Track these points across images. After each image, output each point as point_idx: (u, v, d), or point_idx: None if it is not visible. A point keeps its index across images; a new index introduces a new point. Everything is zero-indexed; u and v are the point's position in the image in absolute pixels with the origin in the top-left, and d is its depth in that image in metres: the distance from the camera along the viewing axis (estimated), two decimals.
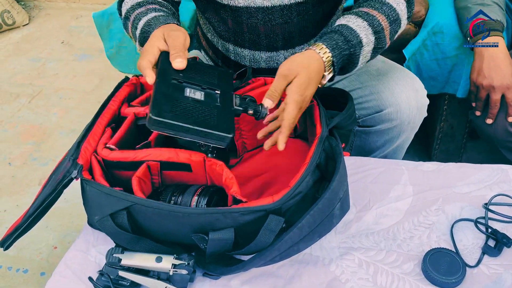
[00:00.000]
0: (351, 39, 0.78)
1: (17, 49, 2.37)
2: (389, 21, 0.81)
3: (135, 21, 0.86)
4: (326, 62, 0.77)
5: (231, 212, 0.67)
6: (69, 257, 0.81)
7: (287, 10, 0.92)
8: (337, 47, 0.78)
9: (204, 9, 0.98)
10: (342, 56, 0.78)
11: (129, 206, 0.70)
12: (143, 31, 0.84)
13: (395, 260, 0.74)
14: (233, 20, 0.93)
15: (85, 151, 0.77)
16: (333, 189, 0.70)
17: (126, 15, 0.90)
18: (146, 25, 0.83)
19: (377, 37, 0.81)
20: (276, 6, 0.91)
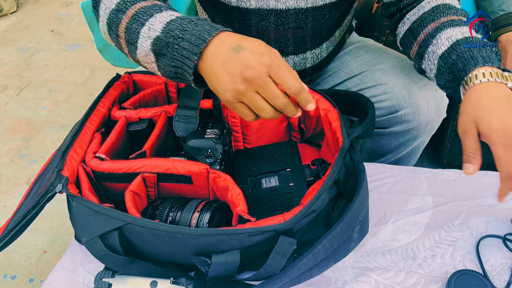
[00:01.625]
0: (498, 50, 0.67)
1: (4, 38, 2.26)
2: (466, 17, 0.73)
3: (141, 17, 0.63)
4: (502, 77, 0.62)
5: (237, 234, 0.60)
6: (54, 278, 0.73)
7: (302, 14, 0.83)
8: (488, 57, 0.64)
9: (214, 12, 0.88)
10: (497, 56, 0.66)
11: (122, 226, 0.62)
12: (172, 40, 0.59)
13: (416, 282, 0.67)
14: (241, 23, 0.84)
15: (71, 161, 0.69)
16: (353, 212, 0.62)
17: (120, 6, 0.66)
18: (176, 29, 0.59)
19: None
20: (291, 10, 0.82)
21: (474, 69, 0.62)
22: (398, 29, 0.81)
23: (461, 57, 0.65)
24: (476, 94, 0.60)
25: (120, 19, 0.65)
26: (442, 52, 0.68)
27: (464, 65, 0.64)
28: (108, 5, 0.67)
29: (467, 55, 0.65)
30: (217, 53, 0.56)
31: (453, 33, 0.69)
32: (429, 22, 0.73)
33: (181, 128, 0.75)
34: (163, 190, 0.72)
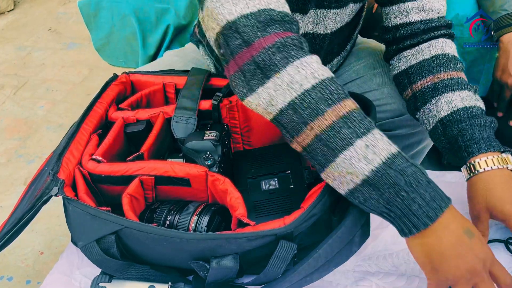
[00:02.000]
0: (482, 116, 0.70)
1: (2, 37, 2.24)
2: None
3: (356, 124, 0.54)
4: (503, 162, 0.66)
5: (236, 238, 0.59)
6: (50, 281, 0.72)
7: (320, 39, 0.83)
8: (489, 140, 0.68)
9: None
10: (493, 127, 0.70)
11: (118, 230, 0.61)
12: (402, 184, 0.53)
13: (418, 287, 0.66)
14: None
15: (67, 163, 0.67)
16: (355, 215, 0.61)
17: (323, 92, 0.55)
18: (407, 172, 0.53)
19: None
20: (309, 34, 0.81)
21: (477, 155, 0.67)
22: (393, 61, 0.81)
23: (463, 134, 0.69)
24: (483, 183, 0.66)
25: (322, 110, 0.53)
26: (441, 117, 0.71)
27: (466, 146, 0.68)
28: (296, 78, 0.54)
29: (468, 134, 0.68)
30: (449, 228, 0.53)
31: (453, 98, 0.71)
32: (428, 74, 0.74)
33: (179, 130, 0.74)
34: (161, 193, 0.70)
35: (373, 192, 0.54)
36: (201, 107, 0.77)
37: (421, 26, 0.76)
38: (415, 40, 0.77)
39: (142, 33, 1.20)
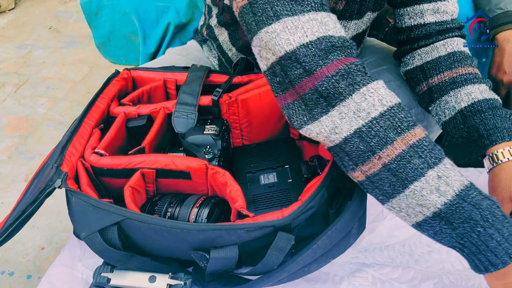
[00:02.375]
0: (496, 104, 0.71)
1: (2, 35, 2.26)
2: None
3: (427, 154, 0.52)
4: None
5: (236, 229, 0.60)
6: (53, 273, 0.73)
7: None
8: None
9: (227, 24, 0.88)
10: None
11: (120, 221, 0.62)
12: (477, 218, 0.51)
13: (413, 278, 0.68)
14: None
15: (70, 156, 0.69)
16: (353, 208, 0.63)
17: (392, 120, 0.53)
18: (482, 205, 0.51)
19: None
20: None
21: (499, 144, 0.67)
22: (406, 58, 0.83)
23: (486, 123, 0.69)
24: (506, 172, 0.66)
25: (391, 139, 0.51)
26: (461, 108, 0.73)
27: (489, 135, 0.69)
28: (362, 106, 0.52)
29: (491, 123, 0.69)
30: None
31: (473, 90, 0.73)
32: (446, 69, 0.76)
33: (180, 124, 0.75)
34: (162, 186, 0.72)
35: (445, 226, 0.51)
36: (201, 102, 0.79)
37: (436, 27, 0.77)
38: (430, 40, 0.79)
39: (143, 31, 1.21)
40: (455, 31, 0.79)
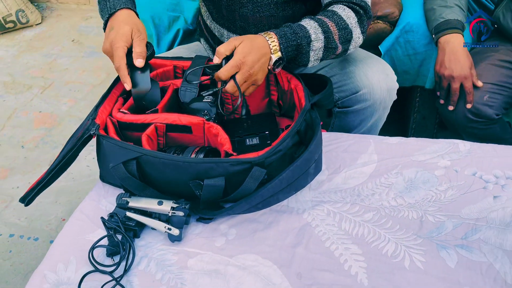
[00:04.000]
0: (298, 32, 0.94)
1: (30, 46, 2.53)
2: (337, 28, 0.97)
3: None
4: (271, 45, 0.92)
5: (223, 162, 0.82)
6: (84, 206, 0.95)
7: (274, 5, 1.08)
8: (285, 36, 0.93)
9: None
10: (290, 45, 0.93)
11: (139, 157, 0.84)
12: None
13: (358, 210, 0.89)
14: (227, 9, 1.09)
15: (102, 113, 0.92)
16: (310, 151, 0.85)
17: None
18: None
19: (326, 36, 0.95)
20: (265, 1, 1.07)
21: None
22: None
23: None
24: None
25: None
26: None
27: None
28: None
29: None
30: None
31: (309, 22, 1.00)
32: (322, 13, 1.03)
33: (185, 96, 0.98)
34: (170, 140, 0.94)
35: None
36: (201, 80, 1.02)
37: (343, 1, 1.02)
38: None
39: (157, 36, 1.45)
40: (345, 2, 1.01)
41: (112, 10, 0.95)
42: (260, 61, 0.90)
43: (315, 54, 0.96)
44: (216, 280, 0.80)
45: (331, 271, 0.79)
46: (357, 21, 0.99)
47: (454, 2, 1.19)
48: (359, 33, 1.01)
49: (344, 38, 0.98)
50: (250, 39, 0.91)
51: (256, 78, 0.91)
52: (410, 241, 0.83)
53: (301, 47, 0.94)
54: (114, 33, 0.92)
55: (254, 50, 0.90)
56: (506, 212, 0.85)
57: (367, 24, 1.02)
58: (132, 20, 0.94)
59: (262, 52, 0.91)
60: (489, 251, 0.80)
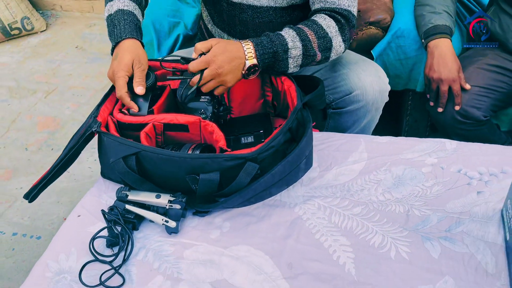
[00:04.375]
0: (275, 40, 0.99)
1: (35, 52, 2.59)
2: (316, 36, 1.02)
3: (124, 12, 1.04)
4: (246, 51, 0.97)
5: (217, 158, 0.86)
6: (85, 201, 0.99)
7: (272, 11, 1.13)
8: (261, 44, 0.98)
9: (206, 1, 1.20)
10: (266, 52, 0.98)
11: (138, 152, 0.89)
12: (109, 22, 1.05)
13: (347, 205, 0.93)
14: (228, 14, 1.15)
15: (103, 111, 0.97)
16: (301, 147, 0.89)
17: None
18: (113, 18, 1.04)
19: (303, 44, 1.00)
20: (264, 7, 1.12)
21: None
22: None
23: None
24: None
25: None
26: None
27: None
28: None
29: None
30: None
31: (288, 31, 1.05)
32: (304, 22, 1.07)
33: (182, 96, 1.02)
34: (168, 138, 0.98)
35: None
36: None
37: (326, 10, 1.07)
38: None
39: (158, 40, 1.50)
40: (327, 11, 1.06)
41: (119, 39, 1.01)
42: (231, 63, 0.95)
43: (294, 61, 1.02)
44: (210, 269, 0.83)
45: (320, 261, 0.83)
46: (337, 30, 1.04)
47: (442, 8, 1.24)
48: (340, 41, 1.05)
49: (324, 46, 1.03)
50: (226, 42, 0.97)
51: (224, 79, 0.96)
52: (396, 233, 0.86)
53: (278, 54, 0.99)
54: (117, 63, 0.98)
55: (227, 52, 0.95)
56: (488, 206, 0.89)
57: (349, 32, 1.07)
58: (136, 50, 1.00)
59: (234, 55, 0.96)
60: (471, 243, 0.83)
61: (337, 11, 1.05)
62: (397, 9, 1.40)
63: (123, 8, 1.04)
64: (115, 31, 1.02)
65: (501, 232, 0.84)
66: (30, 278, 0.86)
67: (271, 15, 1.14)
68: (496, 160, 0.98)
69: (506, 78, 1.26)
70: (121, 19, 1.03)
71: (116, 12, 1.04)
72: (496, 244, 0.83)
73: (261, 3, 1.11)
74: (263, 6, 1.12)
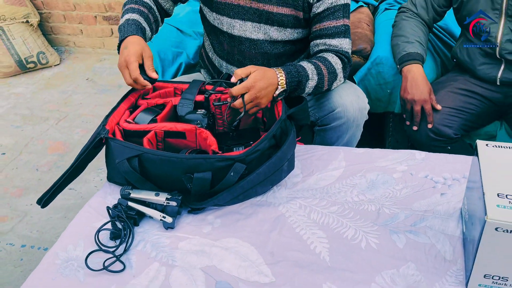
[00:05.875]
0: (301, 71, 1.16)
1: (49, 83, 2.77)
2: (328, 71, 1.21)
3: (124, 12, 1.27)
4: (279, 79, 1.13)
5: (210, 158, 0.99)
6: (92, 201, 1.11)
7: (267, 44, 1.29)
8: (290, 73, 1.15)
9: (209, 32, 1.37)
10: (293, 81, 1.15)
11: (140, 154, 1.01)
12: (119, 29, 1.23)
13: (325, 204, 1.04)
14: (228, 44, 1.31)
15: (111, 121, 1.10)
16: (283, 151, 1.02)
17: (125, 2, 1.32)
18: (122, 25, 1.22)
19: (319, 78, 1.19)
20: (260, 40, 1.28)
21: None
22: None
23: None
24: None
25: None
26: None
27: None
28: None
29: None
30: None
31: (304, 62, 1.24)
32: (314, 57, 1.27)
33: (182, 110, 1.16)
34: (168, 145, 1.11)
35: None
36: (197, 99, 1.20)
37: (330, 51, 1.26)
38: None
39: (162, 68, 1.66)
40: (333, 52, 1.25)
41: (125, 36, 1.18)
42: (267, 89, 1.11)
43: (309, 90, 1.20)
44: (201, 257, 0.94)
45: (299, 251, 0.94)
46: (342, 67, 1.24)
47: (415, 38, 1.40)
48: (342, 76, 1.25)
49: (331, 80, 1.22)
50: (264, 70, 1.11)
51: (260, 101, 1.11)
52: (367, 228, 0.97)
53: (301, 83, 1.17)
54: (127, 52, 1.13)
55: (264, 79, 1.10)
56: (450, 205, 1.00)
57: (348, 70, 1.27)
58: (141, 43, 1.17)
59: (270, 82, 1.11)
60: (433, 235, 0.94)
61: (341, 52, 1.24)
62: (376, 39, 1.56)
63: (130, 18, 1.23)
64: (123, 31, 1.20)
65: (460, 226, 0.95)
66: (40, 265, 0.97)
67: (266, 47, 1.30)
68: (459, 168, 1.10)
69: (475, 100, 1.39)
70: (127, 24, 1.21)
71: (125, 21, 1.23)
72: (454, 236, 0.93)
73: (258, 37, 1.28)
74: (259, 39, 1.28)
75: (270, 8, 1.24)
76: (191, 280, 0.89)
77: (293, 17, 1.25)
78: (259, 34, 1.28)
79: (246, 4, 1.25)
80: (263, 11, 1.24)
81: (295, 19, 1.25)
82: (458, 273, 0.86)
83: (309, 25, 1.28)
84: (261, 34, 1.28)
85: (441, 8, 1.43)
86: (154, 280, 0.90)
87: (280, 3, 1.23)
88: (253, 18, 1.26)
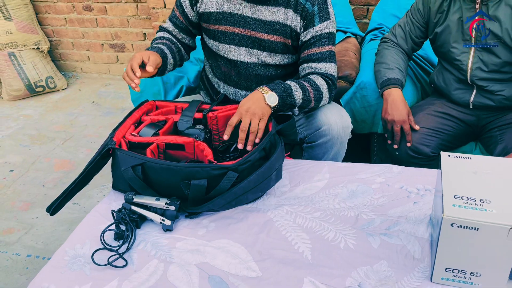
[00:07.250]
0: (282, 83, 1.29)
1: (56, 107, 2.91)
2: (312, 88, 1.34)
3: (152, 46, 1.48)
4: (261, 89, 1.25)
5: (206, 167, 1.10)
6: (98, 207, 1.22)
7: (260, 67, 1.43)
8: (272, 84, 1.28)
9: (209, 56, 1.52)
10: (276, 87, 1.27)
11: (144, 163, 1.13)
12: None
13: (310, 210, 1.15)
14: (226, 66, 1.45)
15: (118, 134, 1.22)
16: (271, 161, 1.14)
17: (153, 39, 1.54)
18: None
19: (303, 91, 1.32)
20: (253, 63, 1.42)
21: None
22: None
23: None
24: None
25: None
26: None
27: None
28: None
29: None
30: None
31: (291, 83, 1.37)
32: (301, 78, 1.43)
33: (182, 125, 1.29)
34: (168, 155, 1.23)
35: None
36: (195, 116, 1.33)
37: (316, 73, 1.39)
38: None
39: (165, 91, 1.80)
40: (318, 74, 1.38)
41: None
42: (255, 103, 1.23)
43: (298, 100, 1.31)
44: (196, 255, 1.04)
45: (284, 250, 1.04)
46: (327, 88, 1.38)
47: (395, 65, 1.54)
48: (327, 97, 1.38)
49: (317, 96, 1.35)
50: (247, 97, 1.25)
51: (253, 111, 1.21)
52: (346, 231, 1.08)
53: (286, 90, 1.28)
54: (138, 53, 1.34)
55: (247, 98, 1.24)
56: (421, 212, 1.11)
57: (333, 92, 1.40)
58: (153, 52, 1.37)
59: (253, 96, 1.24)
60: (404, 237, 1.05)
61: (326, 75, 1.38)
62: (362, 67, 1.70)
63: (153, 46, 1.43)
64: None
65: (429, 230, 1.06)
66: (51, 262, 1.07)
67: (259, 69, 1.44)
68: (431, 180, 1.21)
69: (451, 122, 1.52)
70: (149, 48, 1.41)
71: (149, 48, 1.45)
72: (423, 238, 1.04)
73: (251, 61, 1.42)
74: (252, 62, 1.43)
75: (261, 35, 1.38)
76: (186, 275, 0.99)
77: (282, 44, 1.39)
78: (252, 58, 1.42)
79: (240, 32, 1.39)
80: (255, 38, 1.39)
81: (284, 45, 1.40)
82: (424, 270, 0.96)
83: (298, 51, 1.42)
84: (254, 58, 1.42)
85: (418, 39, 1.58)
86: (153, 274, 1.00)
87: (270, 31, 1.37)
88: (247, 44, 1.41)
